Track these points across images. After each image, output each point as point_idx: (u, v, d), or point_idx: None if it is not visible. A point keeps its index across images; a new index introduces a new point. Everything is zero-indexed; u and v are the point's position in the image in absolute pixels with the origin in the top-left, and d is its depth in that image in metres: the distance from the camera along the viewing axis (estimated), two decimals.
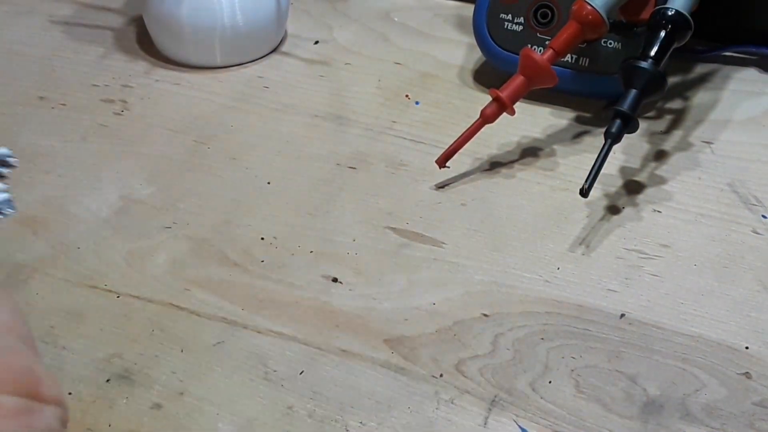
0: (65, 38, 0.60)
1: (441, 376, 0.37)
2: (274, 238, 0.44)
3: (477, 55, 0.56)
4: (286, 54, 0.58)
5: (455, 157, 0.47)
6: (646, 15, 0.48)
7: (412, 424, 0.35)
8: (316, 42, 0.60)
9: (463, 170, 0.47)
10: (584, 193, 0.42)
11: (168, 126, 0.52)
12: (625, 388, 0.36)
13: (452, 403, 0.36)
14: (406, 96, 0.54)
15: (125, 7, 0.63)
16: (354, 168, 0.48)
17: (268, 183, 0.47)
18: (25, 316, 0.27)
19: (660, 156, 0.48)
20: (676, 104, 0.52)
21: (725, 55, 0.56)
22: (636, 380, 0.36)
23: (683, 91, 0.53)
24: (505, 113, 0.46)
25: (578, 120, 0.51)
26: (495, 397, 0.36)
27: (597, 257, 0.42)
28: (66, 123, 0.52)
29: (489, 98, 0.46)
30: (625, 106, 0.43)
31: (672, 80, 0.53)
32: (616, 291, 0.40)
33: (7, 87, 0.55)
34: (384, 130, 0.51)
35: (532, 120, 0.51)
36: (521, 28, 0.52)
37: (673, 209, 0.45)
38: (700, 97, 0.53)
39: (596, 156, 0.43)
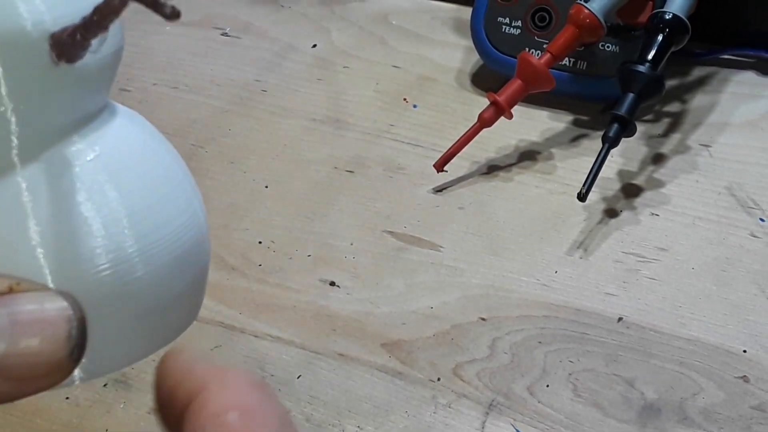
0: None
1: (438, 380, 0.37)
2: (272, 242, 0.44)
3: (475, 58, 0.56)
4: (284, 57, 0.58)
5: (453, 160, 0.46)
6: (643, 18, 0.48)
7: (409, 428, 0.35)
8: (314, 45, 0.60)
9: (460, 174, 0.47)
10: (582, 196, 0.42)
11: (166, 129, 0.52)
12: (623, 392, 0.36)
13: (450, 407, 0.36)
14: (404, 99, 0.54)
15: None
16: (352, 172, 0.48)
17: (266, 187, 0.47)
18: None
19: (658, 159, 0.48)
20: (673, 107, 0.52)
21: (723, 58, 0.56)
22: (634, 384, 0.36)
23: (681, 94, 0.53)
24: (502, 117, 0.46)
25: (576, 123, 0.51)
26: (492, 401, 0.36)
27: (595, 261, 0.42)
28: None
29: (487, 102, 0.46)
30: (623, 109, 0.43)
31: (670, 83, 0.53)
32: (613, 294, 0.40)
33: None
34: (382, 134, 0.51)
35: (530, 123, 0.51)
36: (519, 31, 0.52)
37: (670, 212, 0.45)
38: (697, 100, 0.53)
39: (594, 159, 0.43)
